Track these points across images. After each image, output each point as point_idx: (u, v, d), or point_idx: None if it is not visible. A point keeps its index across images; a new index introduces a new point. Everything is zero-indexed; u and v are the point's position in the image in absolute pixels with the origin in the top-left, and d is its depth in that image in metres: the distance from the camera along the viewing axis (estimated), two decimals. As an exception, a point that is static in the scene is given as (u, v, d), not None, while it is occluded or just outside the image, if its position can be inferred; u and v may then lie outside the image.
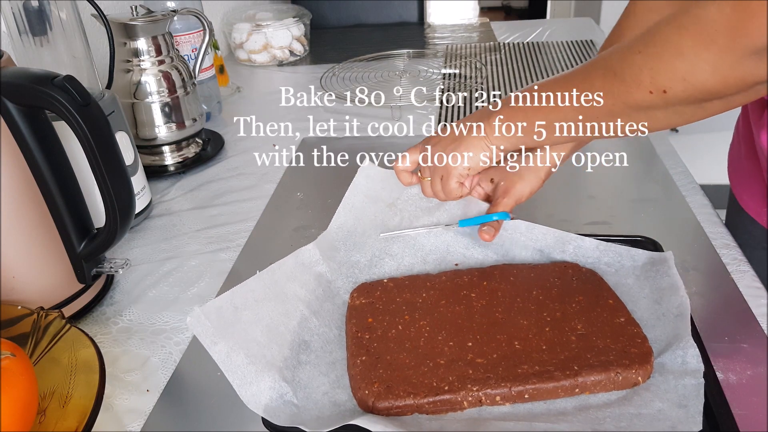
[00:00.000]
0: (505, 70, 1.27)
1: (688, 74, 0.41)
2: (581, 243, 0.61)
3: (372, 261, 0.62)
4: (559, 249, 0.61)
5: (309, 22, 1.49)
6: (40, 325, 0.50)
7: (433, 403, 0.46)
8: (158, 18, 0.85)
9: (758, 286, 0.60)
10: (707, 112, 0.45)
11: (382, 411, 0.46)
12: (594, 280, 0.57)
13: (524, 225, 0.62)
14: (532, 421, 0.44)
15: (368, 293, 0.57)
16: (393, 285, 0.58)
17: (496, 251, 0.62)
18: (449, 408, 0.46)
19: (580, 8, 2.93)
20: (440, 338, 0.51)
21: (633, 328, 0.51)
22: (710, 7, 0.39)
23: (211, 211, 0.81)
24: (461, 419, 0.45)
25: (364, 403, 0.47)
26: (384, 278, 0.60)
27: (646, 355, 0.48)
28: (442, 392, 0.46)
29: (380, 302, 0.56)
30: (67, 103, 0.51)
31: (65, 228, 0.57)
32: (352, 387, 0.48)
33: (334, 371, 0.50)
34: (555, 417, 0.44)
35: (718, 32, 0.39)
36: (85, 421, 0.41)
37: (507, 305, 0.54)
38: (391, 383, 0.47)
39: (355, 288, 0.58)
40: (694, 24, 0.40)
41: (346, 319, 0.55)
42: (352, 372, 0.49)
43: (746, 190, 0.78)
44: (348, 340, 0.53)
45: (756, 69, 0.39)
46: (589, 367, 0.47)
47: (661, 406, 0.44)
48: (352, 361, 0.50)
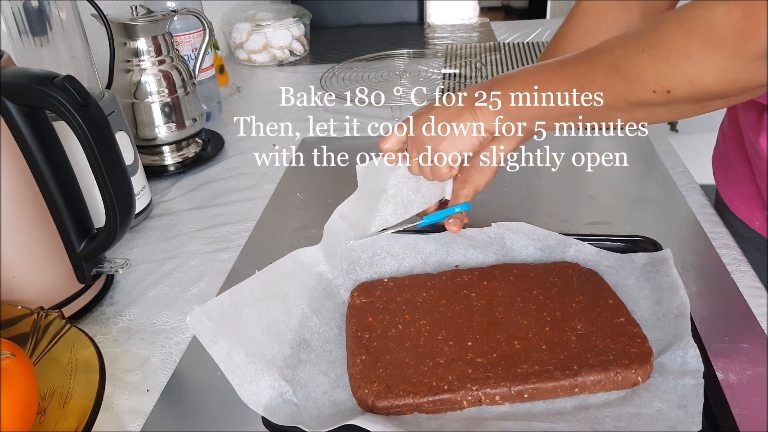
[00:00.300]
0: (505, 70, 1.27)
1: (694, 77, 0.41)
2: (582, 248, 0.61)
3: (373, 259, 0.62)
4: (560, 251, 0.61)
5: (309, 22, 1.49)
6: (40, 325, 0.50)
7: (432, 403, 0.46)
8: (158, 18, 0.85)
9: (758, 286, 0.60)
10: (707, 109, 0.45)
11: (382, 410, 0.46)
12: (594, 280, 0.57)
13: (527, 227, 0.62)
14: (531, 421, 0.44)
15: (369, 292, 0.57)
16: (393, 284, 0.58)
17: (497, 252, 0.63)
18: (449, 407, 0.46)
19: (580, 8, 2.92)
20: (440, 338, 0.51)
21: (633, 328, 0.51)
22: (718, 10, 0.39)
23: (211, 211, 0.81)
24: (461, 419, 0.45)
25: (363, 402, 0.47)
26: (384, 277, 0.60)
27: (645, 355, 0.48)
28: (442, 392, 0.46)
29: (380, 301, 0.56)
30: (67, 103, 0.51)
31: (65, 228, 0.57)
32: (352, 386, 0.48)
33: (334, 370, 0.50)
34: (554, 417, 0.44)
35: (726, 37, 0.38)
36: (85, 421, 0.41)
37: (507, 305, 0.54)
38: (390, 382, 0.47)
39: (355, 287, 0.58)
40: (702, 27, 0.39)
41: (347, 318, 0.55)
42: (351, 371, 0.49)
43: (736, 193, 0.78)
44: (348, 339, 0.53)
45: (763, 72, 0.39)
46: (588, 366, 0.47)
47: (661, 406, 0.44)
48: (352, 360, 0.50)
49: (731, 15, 0.38)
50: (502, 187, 0.80)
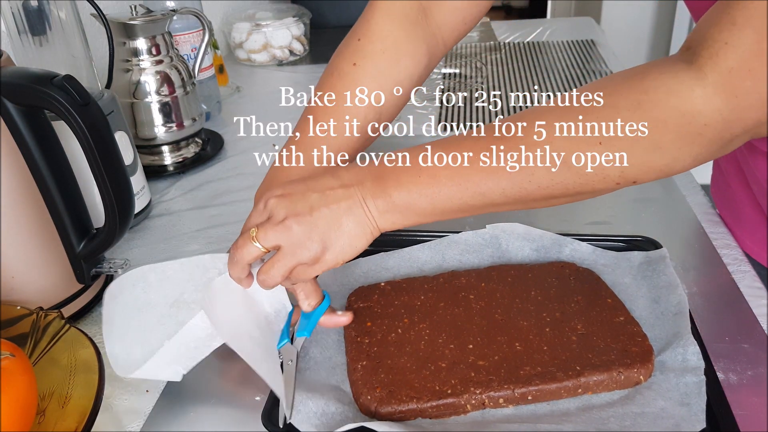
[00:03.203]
0: (505, 69, 1.27)
1: (665, 167, 0.37)
2: (578, 246, 0.61)
3: (368, 274, 0.61)
4: (556, 251, 0.61)
5: (309, 21, 1.49)
6: (39, 325, 0.50)
7: (436, 408, 0.46)
8: (158, 18, 0.85)
9: (758, 286, 0.60)
10: None
11: (385, 416, 0.45)
12: (592, 279, 0.57)
13: (521, 228, 0.62)
14: (536, 423, 0.44)
15: (366, 297, 0.57)
16: (390, 288, 0.57)
17: (492, 254, 0.62)
18: (452, 412, 0.46)
19: (580, 8, 2.93)
20: (440, 341, 0.51)
21: (633, 327, 0.51)
22: (694, 97, 0.34)
23: (210, 211, 0.81)
24: (465, 422, 0.45)
25: (366, 408, 0.46)
26: None
27: (647, 354, 0.48)
28: (445, 396, 0.46)
29: (378, 306, 0.55)
30: (67, 103, 0.51)
31: (64, 228, 0.57)
32: (354, 392, 0.48)
33: (335, 376, 0.50)
34: (559, 418, 0.44)
35: (706, 125, 0.34)
36: (84, 421, 0.41)
37: (506, 306, 0.54)
38: (393, 388, 0.47)
39: (352, 292, 0.58)
40: (677, 118, 0.35)
41: None
42: (353, 377, 0.49)
43: (738, 221, 0.69)
44: (347, 344, 0.52)
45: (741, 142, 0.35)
46: (591, 367, 0.47)
47: (664, 405, 0.44)
48: (353, 366, 0.49)
49: (711, 102, 0.34)
50: (502, 187, 0.80)
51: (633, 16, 2.36)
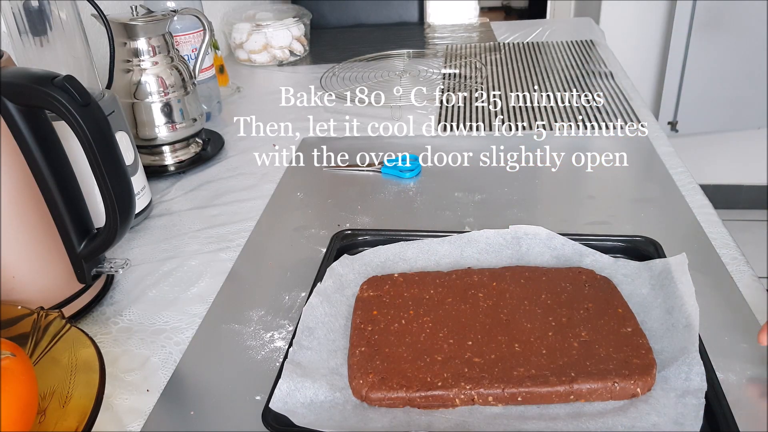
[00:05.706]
0: (505, 70, 1.27)
1: None
2: (599, 258, 0.60)
3: (385, 263, 0.62)
4: (576, 261, 0.61)
5: (309, 22, 1.49)
6: (40, 325, 0.50)
7: (424, 398, 0.46)
8: (158, 18, 0.85)
9: (758, 286, 0.60)
10: None
11: (374, 401, 0.47)
12: (607, 288, 0.56)
13: (545, 232, 0.62)
14: (522, 424, 0.44)
15: (377, 286, 0.58)
16: (403, 280, 0.58)
17: (511, 256, 0.62)
18: (440, 404, 0.46)
19: (580, 8, 2.93)
20: (441, 335, 0.51)
21: (639, 339, 0.50)
22: None
23: (211, 211, 0.81)
24: (451, 416, 0.46)
25: (357, 392, 0.47)
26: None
27: (648, 367, 0.47)
28: (435, 388, 0.46)
29: (388, 296, 0.56)
30: (67, 103, 0.51)
31: (65, 228, 0.57)
32: (349, 376, 0.49)
33: (335, 359, 0.51)
34: (546, 422, 0.44)
35: None
36: (85, 421, 0.41)
37: (513, 307, 0.54)
38: (386, 375, 0.48)
39: (365, 280, 0.59)
40: None
41: (353, 310, 0.56)
42: (350, 361, 0.50)
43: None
44: (352, 330, 0.53)
45: None
46: (586, 374, 0.46)
47: (657, 421, 0.43)
48: (352, 351, 0.51)
49: None
50: (502, 187, 0.80)
51: (633, 16, 2.36)
